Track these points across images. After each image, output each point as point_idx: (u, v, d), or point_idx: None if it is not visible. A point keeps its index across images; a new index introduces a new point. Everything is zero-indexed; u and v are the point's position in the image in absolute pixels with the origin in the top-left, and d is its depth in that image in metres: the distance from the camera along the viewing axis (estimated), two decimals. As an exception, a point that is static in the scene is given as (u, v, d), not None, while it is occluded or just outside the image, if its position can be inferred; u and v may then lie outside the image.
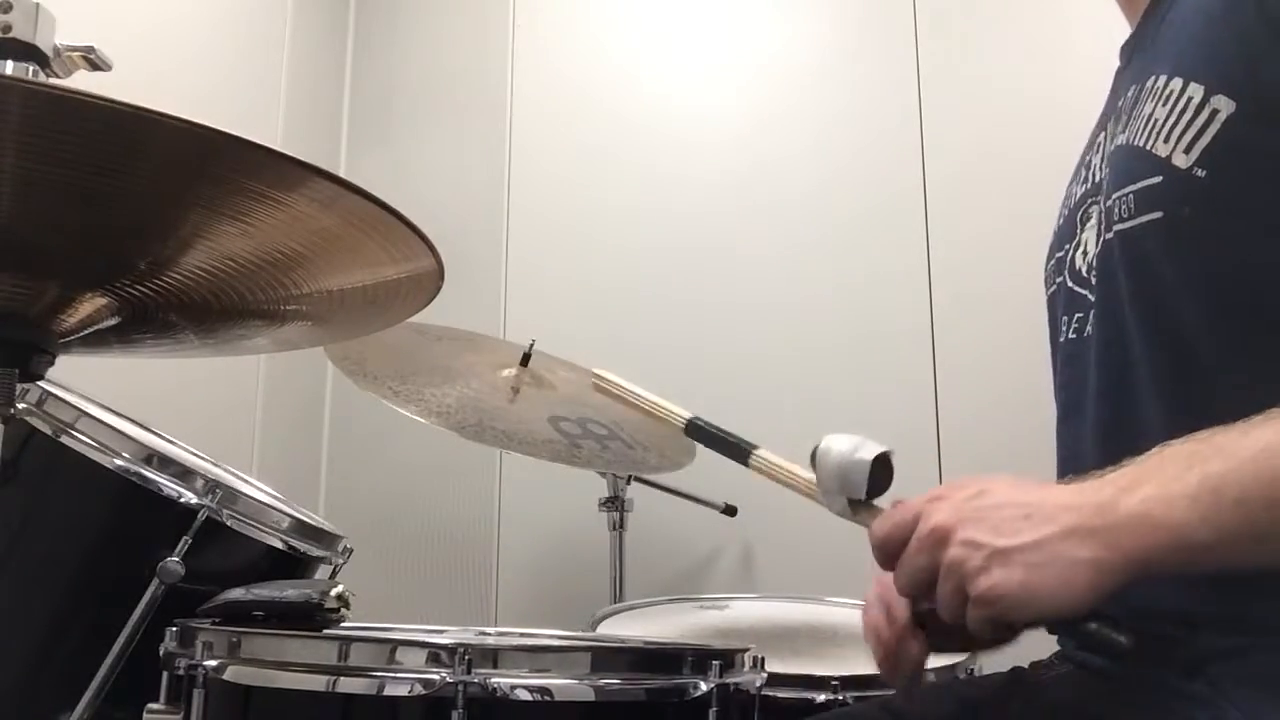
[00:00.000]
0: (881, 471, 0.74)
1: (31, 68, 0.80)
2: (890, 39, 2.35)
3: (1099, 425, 0.81)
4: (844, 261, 2.30)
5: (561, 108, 2.57)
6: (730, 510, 2.16)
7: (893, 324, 2.23)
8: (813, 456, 0.76)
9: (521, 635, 1.26)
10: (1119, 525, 0.63)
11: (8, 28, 0.78)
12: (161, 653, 0.89)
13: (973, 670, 1.20)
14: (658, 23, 2.55)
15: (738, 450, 0.84)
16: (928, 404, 2.18)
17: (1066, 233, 0.90)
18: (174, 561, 1.02)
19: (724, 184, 2.40)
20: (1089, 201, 0.86)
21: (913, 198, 2.27)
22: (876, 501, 0.74)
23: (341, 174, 0.70)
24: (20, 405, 1.00)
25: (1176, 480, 0.63)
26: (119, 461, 1.05)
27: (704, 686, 0.83)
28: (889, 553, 0.70)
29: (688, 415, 0.87)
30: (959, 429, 2.15)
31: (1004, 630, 0.67)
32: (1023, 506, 0.66)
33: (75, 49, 0.85)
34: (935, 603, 0.67)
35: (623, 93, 2.53)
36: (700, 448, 2.00)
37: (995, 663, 0.97)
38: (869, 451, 0.74)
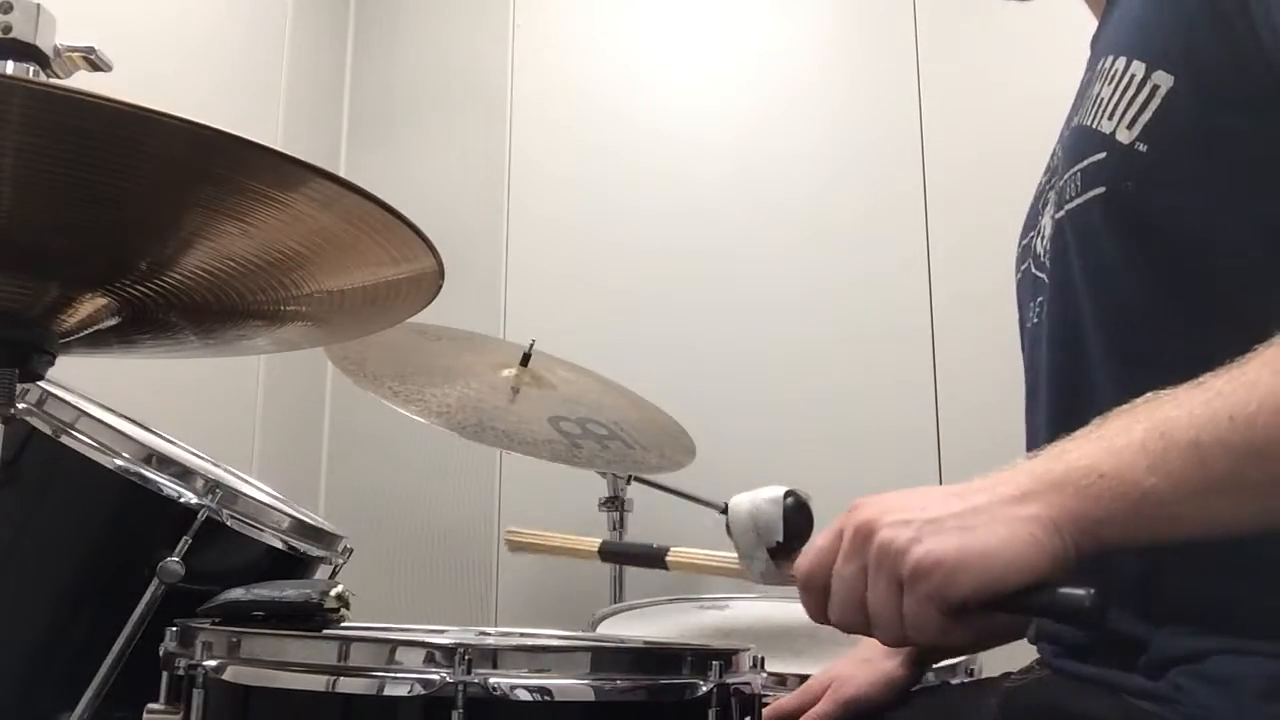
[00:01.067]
0: (797, 514, 0.71)
1: (32, 68, 0.80)
2: (890, 39, 2.35)
3: (1051, 405, 0.81)
4: (844, 261, 2.30)
5: (561, 108, 2.57)
6: (730, 510, 2.16)
7: (893, 324, 2.23)
8: (727, 528, 0.74)
9: (521, 635, 1.26)
10: (1060, 482, 0.60)
11: (8, 28, 0.78)
12: (161, 653, 0.89)
13: (972, 670, 1.20)
14: (658, 23, 2.55)
15: (652, 557, 0.83)
16: (928, 404, 2.18)
17: (1031, 220, 0.92)
18: (174, 561, 1.02)
19: (724, 184, 2.40)
20: (1047, 188, 0.88)
21: (913, 198, 2.27)
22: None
23: (341, 174, 0.70)
24: (20, 405, 1.00)
25: (1122, 434, 0.61)
26: (119, 461, 1.05)
27: (704, 686, 0.83)
28: (816, 584, 0.67)
29: (598, 541, 0.88)
30: (959, 429, 2.15)
31: (951, 620, 0.61)
32: (951, 489, 0.64)
33: (75, 49, 0.85)
34: (870, 621, 0.63)
35: (623, 93, 2.53)
36: (701, 447, 2.00)
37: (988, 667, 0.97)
38: (778, 490, 0.72)
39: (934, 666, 1.08)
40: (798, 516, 0.71)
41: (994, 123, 2.24)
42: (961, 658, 1.15)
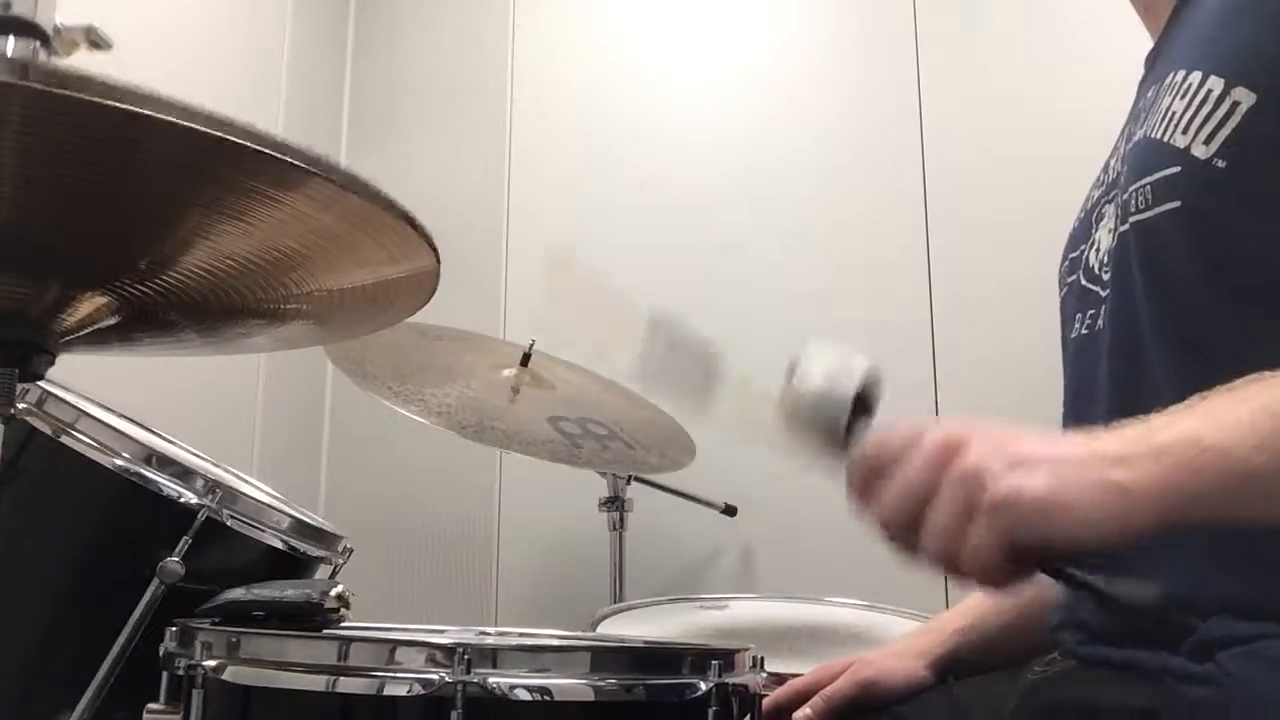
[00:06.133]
0: (875, 388, 0.66)
1: (33, 44, 0.80)
2: (890, 39, 2.35)
3: (1110, 414, 0.81)
4: (844, 261, 2.30)
5: (561, 108, 2.57)
6: (730, 510, 2.16)
7: (893, 323, 2.23)
8: (789, 377, 0.69)
9: (521, 635, 1.26)
10: (1160, 451, 0.58)
11: (8, 4, 0.79)
12: (161, 653, 0.89)
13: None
14: (658, 23, 2.55)
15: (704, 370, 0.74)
16: (927, 404, 2.18)
17: (1081, 234, 0.91)
18: (174, 561, 1.02)
19: (724, 184, 2.40)
20: (1104, 201, 0.87)
21: (913, 197, 2.27)
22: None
23: (341, 174, 0.70)
24: (20, 405, 1.00)
25: (1228, 411, 0.59)
26: (119, 461, 1.05)
27: (704, 686, 0.83)
28: (878, 467, 0.62)
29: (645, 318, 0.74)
30: (959, 429, 2.15)
31: (1005, 567, 0.58)
32: (1044, 434, 0.62)
33: (75, 28, 0.85)
34: (920, 535, 0.60)
35: (623, 93, 2.53)
36: (700, 447, 2.00)
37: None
38: (851, 380, 0.66)
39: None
40: (875, 390, 0.66)
41: (994, 123, 2.24)
42: None
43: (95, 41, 0.86)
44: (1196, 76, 0.74)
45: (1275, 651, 0.65)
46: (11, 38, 0.79)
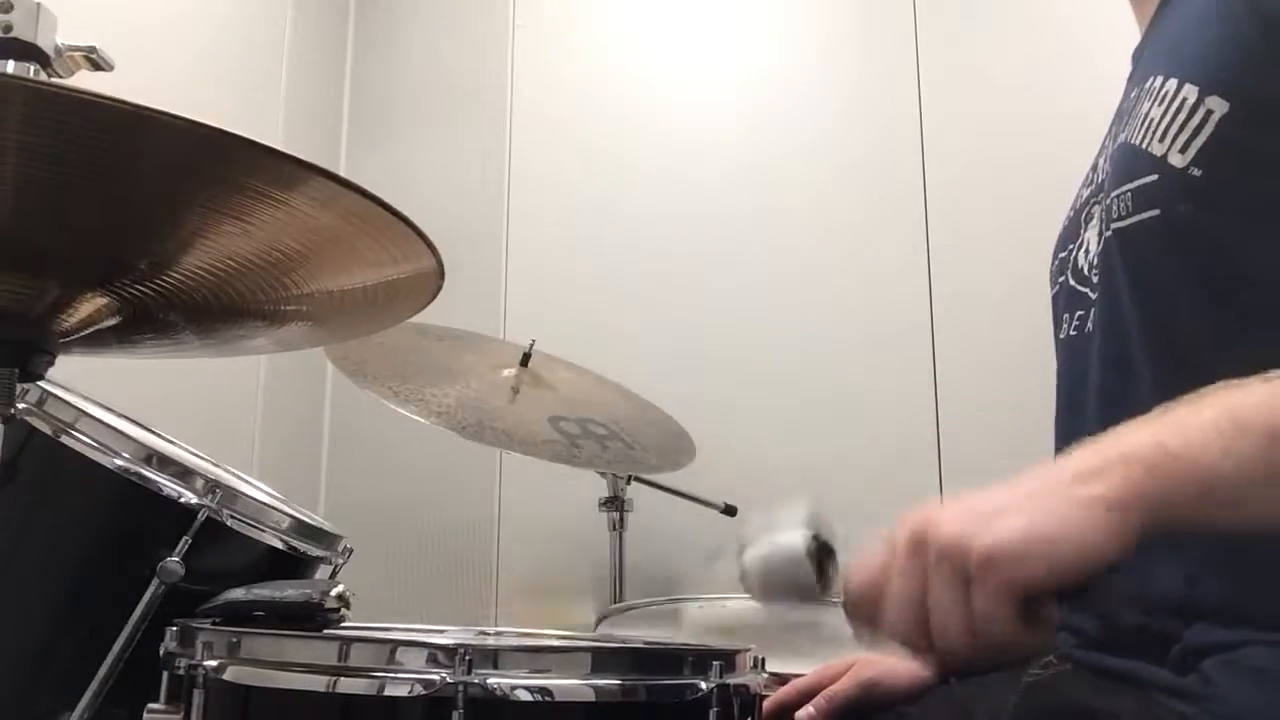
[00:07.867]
0: (824, 562, 0.66)
1: (33, 67, 0.80)
2: (890, 39, 2.35)
3: (1100, 419, 0.81)
4: (844, 262, 2.30)
5: (561, 108, 2.57)
6: (730, 510, 2.16)
7: (893, 324, 2.23)
8: (741, 579, 0.70)
9: (521, 635, 1.26)
10: (1127, 458, 0.57)
11: (9, 27, 0.78)
12: (161, 653, 0.89)
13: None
14: (658, 23, 2.55)
15: None
16: (928, 404, 2.18)
17: (1070, 233, 0.91)
18: (174, 561, 1.02)
19: (724, 184, 2.40)
20: (1092, 202, 0.88)
21: (913, 198, 2.27)
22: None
23: (341, 174, 0.70)
24: (20, 405, 1.00)
25: (1190, 416, 0.59)
26: (119, 461, 1.05)
27: (704, 687, 0.83)
28: (868, 597, 0.61)
29: None
30: (959, 429, 2.15)
31: (1022, 617, 0.56)
32: (1008, 486, 0.60)
33: (77, 49, 0.85)
34: (933, 629, 0.58)
35: (623, 93, 2.53)
36: (701, 447, 1.99)
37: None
38: (795, 543, 0.67)
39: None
40: (827, 544, 0.67)
41: (994, 122, 2.24)
42: None
43: (96, 62, 0.86)
44: (1172, 84, 0.75)
45: (1255, 660, 0.66)
46: (12, 62, 0.79)
